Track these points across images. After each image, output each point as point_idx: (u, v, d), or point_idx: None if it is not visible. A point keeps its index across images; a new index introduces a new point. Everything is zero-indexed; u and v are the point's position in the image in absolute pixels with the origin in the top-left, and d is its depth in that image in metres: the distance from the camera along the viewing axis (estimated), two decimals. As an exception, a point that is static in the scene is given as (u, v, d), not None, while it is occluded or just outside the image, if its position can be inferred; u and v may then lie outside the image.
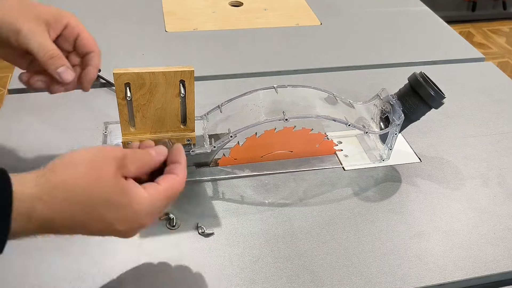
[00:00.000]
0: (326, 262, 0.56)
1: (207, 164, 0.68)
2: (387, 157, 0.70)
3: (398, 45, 1.02)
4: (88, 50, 0.57)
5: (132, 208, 0.43)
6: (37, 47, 0.53)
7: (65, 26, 0.56)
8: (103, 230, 0.44)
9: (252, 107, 0.66)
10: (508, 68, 2.58)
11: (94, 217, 0.42)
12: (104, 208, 0.42)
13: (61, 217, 0.41)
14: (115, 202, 0.42)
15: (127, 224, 0.44)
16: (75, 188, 0.41)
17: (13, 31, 0.52)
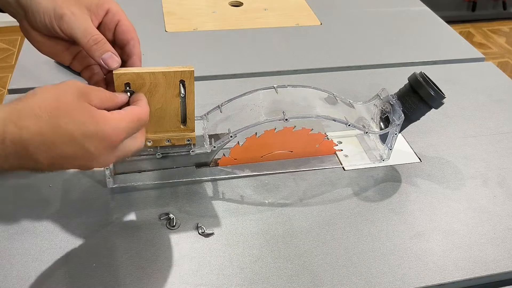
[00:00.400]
0: (326, 262, 0.56)
1: (207, 164, 0.68)
2: (387, 157, 0.70)
3: (398, 45, 1.02)
4: (128, 37, 0.56)
5: (97, 124, 0.44)
6: (82, 32, 0.51)
7: (106, 12, 0.55)
8: (75, 152, 0.44)
9: (252, 107, 0.66)
10: (508, 68, 2.58)
11: (61, 134, 0.43)
12: (68, 123, 0.43)
13: (31, 136, 0.42)
14: (78, 118, 0.43)
15: (96, 142, 0.44)
16: (40, 109, 0.43)
17: (56, 17, 0.51)
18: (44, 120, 0.42)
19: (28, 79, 0.84)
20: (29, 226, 0.58)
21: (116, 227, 0.59)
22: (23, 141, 0.42)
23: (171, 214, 0.60)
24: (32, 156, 0.43)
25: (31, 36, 0.55)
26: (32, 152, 0.42)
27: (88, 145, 0.44)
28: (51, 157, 0.44)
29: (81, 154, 0.44)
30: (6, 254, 0.55)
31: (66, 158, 0.44)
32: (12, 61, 2.41)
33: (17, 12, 0.54)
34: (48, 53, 0.56)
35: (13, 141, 0.41)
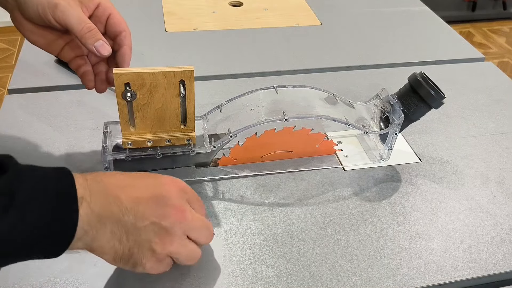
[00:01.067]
0: (326, 262, 0.56)
1: (207, 164, 0.68)
2: (387, 157, 0.70)
3: (398, 45, 1.02)
4: (119, 30, 0.58)
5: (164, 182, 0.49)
6: (75, 21, 0.53)
7: (97, 5, 0.56)
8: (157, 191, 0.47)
9: (252, 107, 0.66)
10: (508, 68, 2.58)
11: (139, 177, 0.47)
12: (146, 176, 0.48)
13: (112, 182, 0.45)
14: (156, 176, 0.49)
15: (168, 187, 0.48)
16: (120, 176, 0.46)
17: (50, 6, 0.52)
18: (120, 173, 0.47)
19: (28, 79, 0.84)
20: (29, 226, 0.58)
21: (116, 227, 0.59)
22: (101, 181, 0.44)
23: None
24: (119, 199, 0.44)
25: (22, 26, 0.56)
26: (118, 193, 0.44)
27: (169, 187, 0.48)
28: (138, 195, 0.45)
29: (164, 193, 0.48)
30: (6, 254, 0.55)
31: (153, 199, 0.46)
32: (12, 61, 2.41)
33: (8, 2, 0.54)
34: (38, 43, 0.57)
35: (94, 179, 0.44)
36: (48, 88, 0.83)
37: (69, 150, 0.69)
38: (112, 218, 0.43)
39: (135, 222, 0.44)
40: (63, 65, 0.88)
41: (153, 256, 0.47)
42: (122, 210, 0.44)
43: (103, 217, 0.42)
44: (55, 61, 0.89)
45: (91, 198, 0.42)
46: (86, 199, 0.41)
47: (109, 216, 0.43)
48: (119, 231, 0.44)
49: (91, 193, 0.42)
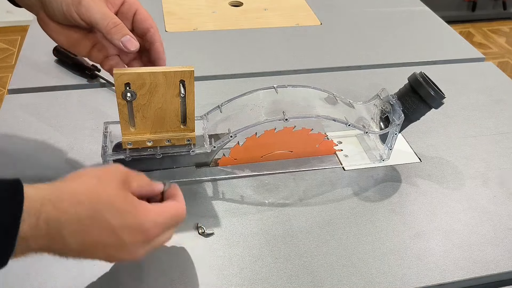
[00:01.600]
0: (326, 262, 0.56)
1: (207, 164, 0.68)
2: (387, 157, 0.70)
3: (398, 45, 1.02)
4: (147, 26, 0.56)
5: (136, 216, 0.44)
6: (101, 16, 0.52)
7: (122, 1, 0.55)
8: (110, 242, 0.43)
9: (252, 107, 0.66)
10: (508, 68, 2.58)
11: (100, 222, 0.42)
12: (108, 212, 0.42)
13: (68, 220, 0.41)
14: (119, 208, 0.43)
15: (133, 234, 0.43)
16: (81, 194, 0.42)
17: (74, 2, 0.51)
18: (85, 206, 0.41)
19: (28, 79, 0.84)
20: (29, 226, 0.58)
21: (116, 227, 0.59)
22: (58, 224, 0.40)
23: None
24: (63, 239, 0.41)
25: (48, 27, 0.55)
26: (65, 235, 0.41)
27: (124, 236, 0.43)
28: (82, 244, 0.42)
29: (115, 244, 0.43)
30: (6, 254, 0.55)
31: (97, 246, 0.43)
32: (12, 61, 2.41)
33: (34, 3, 0.54)
34: (65, 44, 0.56)
35: (47, 222, 0.40)
36: (48, 88, 0.83)
37: (69, 150, 0.69)
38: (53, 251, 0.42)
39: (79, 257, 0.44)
40: (63, 65, 0.88)
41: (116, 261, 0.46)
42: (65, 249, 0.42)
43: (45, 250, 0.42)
44: (55, 61, 0.89)
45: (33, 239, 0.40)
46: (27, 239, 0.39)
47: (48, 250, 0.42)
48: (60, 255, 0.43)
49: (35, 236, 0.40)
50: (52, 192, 0.41)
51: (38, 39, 0.95)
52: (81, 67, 0.85)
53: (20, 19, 2.64)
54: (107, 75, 0.84)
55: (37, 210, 0.39)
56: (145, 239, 0.45)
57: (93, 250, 0.43)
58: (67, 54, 0.87)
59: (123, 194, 0.44)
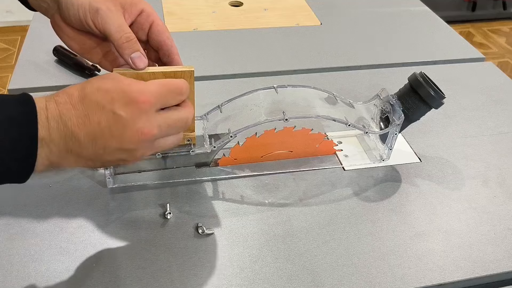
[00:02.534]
0: (326, 262, 0.56)
1: (207, 164, 0.68)
2: (387, 157, 0.70)
3: (398, 45, 1.02)
4: (164, 37, 0.56)
5: (121, 87, 0.46)
6: (115, 28, 0.51)
7: (140, 12, 0.55)
8: (108, 122, 0.45)
9: (252, 107, 0.66)
10: (508, 68, 2.58)
11: (89, 103, 0.45)
12: (95, 92, 0.45)
13: (65, 109, 0.44)
14: (103, 86, 0.45)
15: (125, 106, 0.45)
16: (72, 88, 0.46)
17: (91, 10, 0.51)
18: (75, 96, 0.45)
19: (28, 79, 0.84)
20: (29, 226, 0.58)
21: (116, 227, 0.59)
22: (62, 117, 0.44)
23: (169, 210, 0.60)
24: (73, 134, 0.44)
25: (62, 30, 0.55)
26: (71, 127, 0.44)
27: (118, 110, 0.45)
28: (89, 132, 0.45)
29: (115, 122, 0.45)
30: (6, 254, 0.55)
31: (103, 132, 0.45)
32: (12, 61, 2.41)
33: (50, 6, 0.54)
34: (77, 49, 0.56)
35: (54, 118, 0.44)
36: (48, 88, 0.83)
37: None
38: (73, 153, 0.46)
39: (96, 155, 0.47)
40: (63, 65, 0.88)
41: (128, 163, 0.50)
42: (80, 147, 0.45)
43: (62, 154, 0.45)
44: (55, 61, 0.89)
45: (50, 138, 0.44)
46: (46, 140, 0.44)
47: (69, 153, 0.46)
48: (83, 161, 0.47)
49: (51, 134, 0.44)
50: (52, 95, 0.45)
51: (38, 39, 0.95)
52: (81, 67, 0.85)
53: (20, 19, 2.64)
54: (107, 75, 0.84)
55: (44, 109, 0.44)
56: (139, 108, 0.46)
57: (102, 139, 0.45)
58: (67, 54, 0.87)
59: (107, 76, 0.47)
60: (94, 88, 0.45)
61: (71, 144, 0.45)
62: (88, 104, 0.45)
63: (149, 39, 0.56)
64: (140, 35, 0.56)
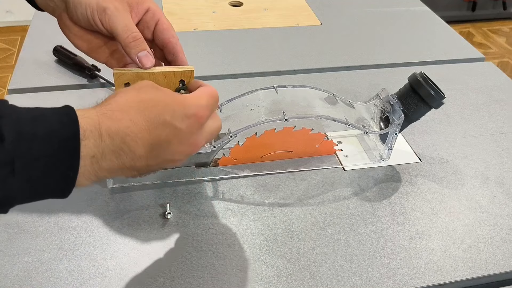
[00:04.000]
0: (326, 262, 0.56)
1: (207, 164, 0.68)
2: (387, 157, 0.70)
3: (398, 45, 1.02)
4: (169, 35, 0.56)
5: (180, 104, 0.46)
6: (122, 28, 0.52)
7: (146, 10, 0.55)
8: (169, 135, 0.45)
9: (252, 107, 0.66)
10: (508, 68, 2.58)
11: (153, 119, 0.44)
12: (156, 108, 0.45)
13: (125, 126, 0.43)
14: (164, 103, 0.45)
15: (185, 120, 0.46)
16: (128, 101, 0.44)
17: (99, 9, 0.51)
18: (136, 110, 0.44)
19: (28, 79, 0.84)
20: (29, 226, 0.58)
21: (116, 227, 0.59)
22: (120, 133, 0.43)
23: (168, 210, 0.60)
24: (130, 148, 0.43)
25: (69, 29, 0.55)
26: (129, 142, 0.43)
27: (179, 125, 0.45)
28: (147, 146, 0.44)
29: (174, 136, 0.46)
30: (6, 254, 0.55)
31: (161, 145, 0.45)
32: (12, 61, 2.41)
33: (58, 5, 0.54)
34: (84, 48, 0.56)
35: (109, 134, 0.42)
36: (48, 88, 0.83)
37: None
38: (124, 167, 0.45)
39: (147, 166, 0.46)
40: (63, 65, 0.88)
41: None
42: (134, 160, 0.44)
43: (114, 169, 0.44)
44: (55, 61, 0.89)
45: (101, 156, 0.42)
46: (97, 157, 0.42)
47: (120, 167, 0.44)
48: (129, 171, 0.46)
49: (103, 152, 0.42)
50: (102, 108, 0.43)
51: (38, 39, 0.95)
52: (81, 67, 0.85)
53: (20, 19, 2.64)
54: (107, 75, 0.84)
55: (96, 125, 0.41)
56: (198, 122, 0.47)
57: (158, 150, 0.45)
58: (67, 54, 0.87)
59: (163, 92, 0.47)
60: (155, 103, 0.45)
61: (124, 158, 0.44)
62: (149, 119, 0.44)
63: (154, 37, 0.57)
64: (146, 34, 0.56)
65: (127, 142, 0.43)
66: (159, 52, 0.58)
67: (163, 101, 0.45)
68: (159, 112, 0.45)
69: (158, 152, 0.46)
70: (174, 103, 0.46)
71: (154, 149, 0.45)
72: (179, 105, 0.46)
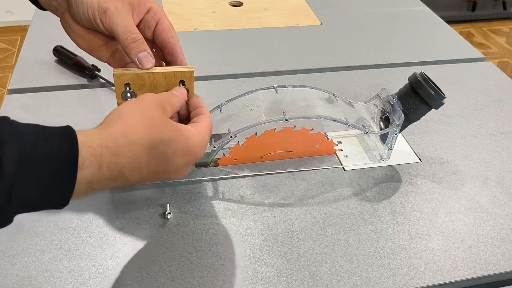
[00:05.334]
0: (326, 262, 0.56)
1: (207, 164, 0.68)
2: (387, 157, 0.70)
3: (398, 45, 1.02)
4: (169, 36, 0.56)
5: (185, 141, 0.48)
6: (122, 29, 0.52)
7: (147, 10, 0.56)
8: (167, 168, 0.48)
9: (252, 107, 0.66)
10: (508, 68, 2.58)
11: (156, 155, 0.46)
12: (161, 144, 0.46)
13: (126, 161, 0.44)
14: (169, 138, 0.47)
15: (185, 157, 0.48)
16: (133, 133, 0.45)
17: (100, 10, 0.52)
18: (139, 145, 0.45)
19: (28, 79, 0.84)
20: (29, 226, 0.58)
21: (116, 227, 0.59)
22: (119, 167, 0.44)
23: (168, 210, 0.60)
24: (125, 178, 0.45)
25: (71, 28, 0.55)
26: (126, 173, 0.45)
27: (178, 161, 0.48)
28: (142, 177, 0.47)
29: (169, 169, 0.48)
30: (6, 254, 0.55)
31: (156, 175, 0.48)
32: (12, 61, 2.41)
33: (60, 4, 0.54)
34: (85, 47, 0.57)
35: (109, 166, 0.43)
36: (48, 88, 0.83)
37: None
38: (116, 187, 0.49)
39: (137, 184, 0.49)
40: (63, 65, 0.88)
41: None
42: (127, 184, 0.47)
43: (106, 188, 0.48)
44: (55, 61, 0.89)
45: (98, 181, 0.43)
46: (92, 182, 0.43)
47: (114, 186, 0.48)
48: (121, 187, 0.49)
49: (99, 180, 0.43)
50: (107, 138, 0.43)
51: (38, 39, 0.95)
52: (81, 67, 0.85)
53: (20, 19, 2.64)
54: (107, 75, 0.84)
55: (98, 156, 0.42)
56: (194, 159, 0.50)
57: (150, 177, 0.48)
58: (67, 54, 0.87)
59: (168, 124, 0.48)
60: (160, 138, 0.46)
61: (118, 183, 0.46)
62: (153, 155, 0.46)
63: (154, 37, 0.57)
64: (146, 33, 0.56)
65: (124, 173, 0.45)
66: (160, 52, 0.58)
67: (169, 137, 0.47)
68: (163, 150, 0.46)
69: (151, 178, 0.48)
70: (179, 140, 0.48)
71: (148, 176, 0.48)
72: (183, 143, 0.48)
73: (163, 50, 0.57)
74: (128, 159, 0.44)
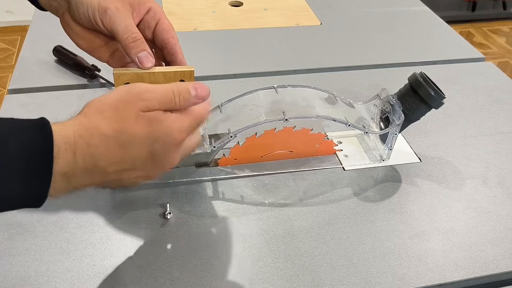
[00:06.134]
0: (326, 262, 0.56)
1: (207, 164, 0.68)
2: (387, 157, 0.70)
3: (398, 45, 1.02)
4: (169, 36, 0.56)
5: (163, 129, 0.45)
6: (122, 28, 0.52)
7: (147, 10, 0.56)
8: (145, 162, 0.45)
9: (252, 107, 0.66)
10: (508, 68, 2.58)
11: (130, 149, 0.44)
12: (135, 139, 0.44)
13: (100, 152, 0.43)
14: (144, 132, 0.44)
15: (164, 145, 0.45)
16: (107, 128, 0.43)
17: (100, 10, 0.52)
18: (113, 139, 0.43)
19: (28, 79, 0.84)
20: (29, 226, 0.58)
21: (116, 227, 0.59)
22: (93, 158, 0.43)
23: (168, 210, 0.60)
24: (103, 170, 0.44)
25: (71, 29, 0.55)
26: (103, 166, 0.43)
27: (157, 151, 0.45)
28: (120, 171, 0.45)
29: (150, 161, 0.46)
30: (6, 254, 0.55)
31: (136, 169, 0.45)
32: (12, 61, 2.41)
33: (60, 5, 0.54)
34: (86, 48, 0.57)
35: (83, 157, 0.42)
36: (48, 88, 0.83)
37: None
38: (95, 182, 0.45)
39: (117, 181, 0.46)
40: (63, 65, 0.88)
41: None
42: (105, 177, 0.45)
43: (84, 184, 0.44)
44: (55, 61, 0.89)
45: (74, 172, 0.42)
46: (68, 175, 0.42)
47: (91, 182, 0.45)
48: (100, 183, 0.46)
49: (75, 170, 0.42)
50: (80, 128, 0.42)
51: (38, 39, 0.95)
52: (81, 67, 0.85)
53: (20, 19, 2.64)
54: (107, 75, 0.84)
55: (72, 145, 0.41)
56: (175, 146, 0.46)
57: (130, 173, 0.46)
58: (67, 54, 0.87)
59: (144, 118, 0.44)
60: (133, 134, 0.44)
61: (96, 177, 0.44)
62: (127, 149, 0.44)
63: (154, 37, 0.57)
64: (146, 33, 0.56)
65: (100, 166, 0.43)
66: (159, 52, 0.58)
67: (142, 131, 0.44)
68: (138, 143, 0.44)
69: (131, 172, 0.46)
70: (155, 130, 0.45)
71: (126, 170, 0.45)
72: (164, 134, 0.45)
73: (163, 50, 0.57)
74: (101, 150, 0.43)
